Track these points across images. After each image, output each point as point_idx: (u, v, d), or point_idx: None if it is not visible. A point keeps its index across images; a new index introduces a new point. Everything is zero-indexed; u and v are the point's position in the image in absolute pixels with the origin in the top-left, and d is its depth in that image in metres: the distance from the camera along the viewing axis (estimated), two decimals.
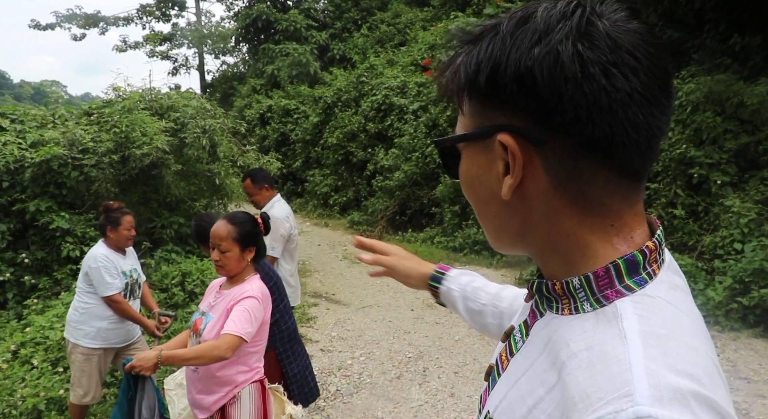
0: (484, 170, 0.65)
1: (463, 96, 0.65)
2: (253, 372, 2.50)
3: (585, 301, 0.61)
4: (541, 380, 0.61)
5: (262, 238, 2.62)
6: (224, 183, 7.98)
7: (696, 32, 7.91)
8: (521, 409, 0.63)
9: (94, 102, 8.52)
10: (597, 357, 0.54)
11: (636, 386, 0.49)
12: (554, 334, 0.62)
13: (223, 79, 27.39)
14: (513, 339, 0.74)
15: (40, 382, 4.29)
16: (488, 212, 0.68)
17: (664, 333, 0.54)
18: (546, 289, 0.66)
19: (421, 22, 18.32)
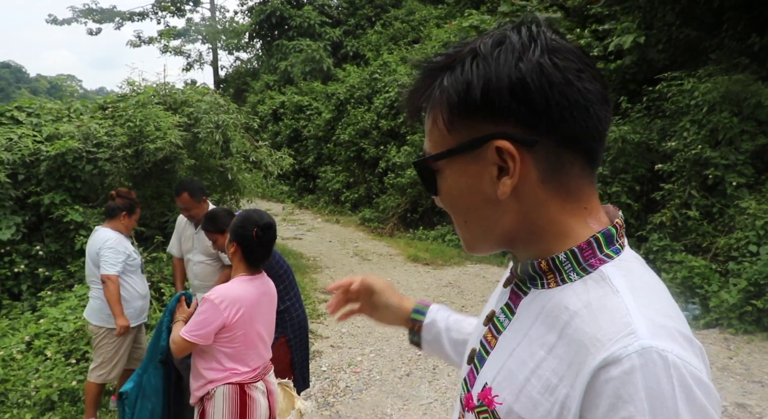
0: (475, 178, 0.73)
1: (447, 114, 0.72)
2: (228, 373, 2.45)
3: (571, 271, 0.72)
4: (539, 344, 0.70)
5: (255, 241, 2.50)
6: (237, 178, 8.00)
7: (714, 31, 7.81)
8: (523, 372, 0.71)
9: (109, 96, 8.58)
10: (597, 309, 0.66)
11: (636, 326, 0.61)
12: (547, 303, 0.72)
13: (237, 75, 27.48)
14: (497, 320, 0.82)
15: (53, 373, 4.33)
16: (479, 217, 0.76)
17: (644, 287, 0.68)
18: (532, 268, 0.75)
19: (435, 19, 18.26)
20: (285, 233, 10.73)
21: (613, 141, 7.18)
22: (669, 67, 7.78)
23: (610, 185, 7.22)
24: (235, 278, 2.52)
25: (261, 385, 2.56)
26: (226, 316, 2.37)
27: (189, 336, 2.36)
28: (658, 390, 0.57)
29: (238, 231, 2.49)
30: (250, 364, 2.52)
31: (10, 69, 78.74)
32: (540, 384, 0.68)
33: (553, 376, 0.67)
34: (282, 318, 3.33)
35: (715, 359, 4.74)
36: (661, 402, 0.57)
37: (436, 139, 0.76)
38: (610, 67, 8.36)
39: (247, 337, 2.47)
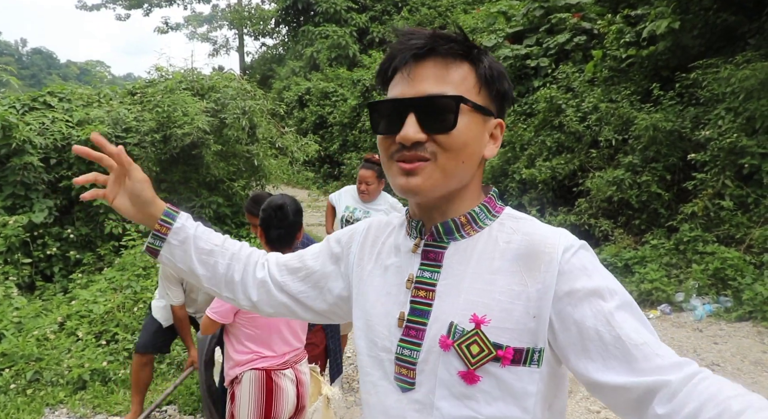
0: (481, 134, 0.95)
1: (482, 80, 0.94)
2: (252, 355, 2.47)
3: (486, 219, 0.97)
4: (488, 272, 0.92)
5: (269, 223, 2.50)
6: (263, 164, 8.05)
7: (754, 16, 7.53)
8: (485, 296, 0.90)
9: (138, 82, 8.68)
10: (533, 230, 0.94)
11: (562, 231, 0.94)
12: (477, 245, 0.95)
13: (263, 60, 27.54)
14: (422, 278, 0.97)
15: (85, 354, 4.44)
16: (471, 163, 0.94)
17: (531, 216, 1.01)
18: (453, 224, 0.97)
19: (462, 5, 18.02)
20: (310, 220, 10.77)
21: (644, 129, 7.01)
22: (704, 53, 7.54)
23: (641, 174, 7.06)
24: None
25: (290, 373, 2.56)
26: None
27: (211, 313, 2.43)
28: (592, 255, 0.91)
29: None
30: (275, 349, 2.52)
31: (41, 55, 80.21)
32: (506, 296, 0.89)
33: (516, 286, 0.89)
34: None
35: (748, 352, 4.63)
36: (596, 261, 0.91)
37: (467, 90, 0.92)
38: (642, 54, 8.14)
39: (269, 321, 2.48)
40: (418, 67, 0.92)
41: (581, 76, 8.93)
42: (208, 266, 1.15)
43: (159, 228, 1.12)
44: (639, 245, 6.83)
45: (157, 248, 1.13)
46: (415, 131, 0.89)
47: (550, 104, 8.71)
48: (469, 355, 0.88)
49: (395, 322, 0.98)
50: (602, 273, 0.89)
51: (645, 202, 7.01)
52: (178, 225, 1.13)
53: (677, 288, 5.88)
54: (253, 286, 1.19)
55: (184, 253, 1.14)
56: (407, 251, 1.02)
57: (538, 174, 8.31)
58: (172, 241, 1.13)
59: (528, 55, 10.55)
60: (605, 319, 0.84)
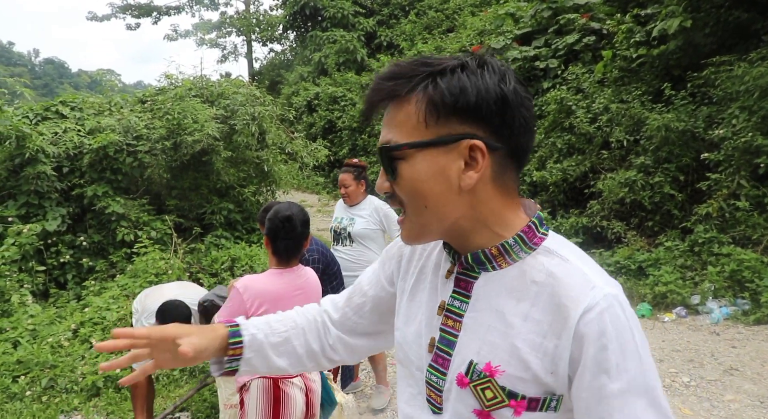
0: (443, 169, 0.85)
1: (431, 109, 0.85)
2: None
3: (520, 252, 0.89)
4: (514, 314, 0.86)
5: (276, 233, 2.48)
6: (273, 170, 8.06)
7: (767, 12, 7.45)
8: (507, 341, 0.86)
9: (148, 90, 8.73)
10: (561, 275, 0.85)
11: (595, 282, 0.83)
12: (508, 280, 0.88)
13: (271, 66, 27.67)
14: (452, 307, 0.94)
15: (99, 360, 4.45)
16: (438, 203, 0.87)
17: (580, 254, 0.90)
18: (483, 255, 0.90)
19: (469, 7, 17.99)
20: (320, 225, 10.77)
21: (656, 130, 6.94)
22: (716, 51, 7.46)
23: (653, 174, 6.99)
24: (266, 271, 2.54)
25: (299, 381, 2.55)
26: (248, 307, 2.39)
27: (218, 321, 2.43)
28: (619, 322, 0.80)
29: (262, 217, 2.59)
30: None
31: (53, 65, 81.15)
32: (526, 346, 0.84)
33: (537, 336, 0.84)
34: None
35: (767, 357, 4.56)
36: (622, 330, 0.80)
37: (409, 129, 0.87)
38: (653, 53, 8.07)
39: None
40: (385, 113, 0.91)
41: (591, 77, 8.87)
42: (289, 355, 1.15)
43: (233, 353, 1.08)
44: (652, 247, 6.75)
45: (235, 369, 1.10)
46: (381, 182, 0.93)
47: (560, 106, 8.66)
48: (484, 398, 0.88)
49: (426, 345, 0.98)
50: (622, 345, 0.79)
51: (658, 203, 6.94)
52: (248, 339, 1.10)
53: (693, 291, 5.80)
54: (332, 348, 1.20)
55: (262, 358, 1.12)
56: (443, 275, 0.99)
57: (549, 176, 8.25)
58: (248, 355, 1.10)
59: (537, 56, 10.51)
60: (599, 399, 0.80)
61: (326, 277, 3.32)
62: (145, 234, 6.51)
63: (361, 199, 3.95)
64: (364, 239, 3.86)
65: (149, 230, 6.64)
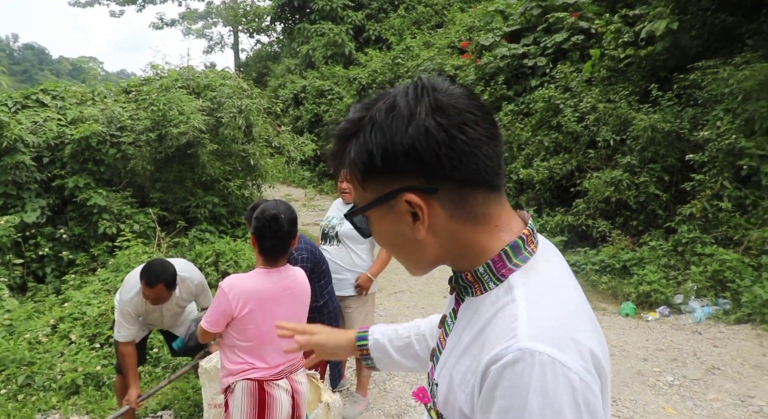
0: (395, 224, 0.85)
1: (359, 175, 0.84)
2: (244, 365, 2.43)
3: (489, 281, 0.85)
4: (464, 344, 0.85)
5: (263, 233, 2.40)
6: (259, 164, 7.98)
7: (752, 16, 7.51)
8: (453, 369, 0.86)
9: (132, 80, 8.59)
10: (498, 318, 0.79)
11: (519, 331, 0.74)
12: (475, 309, 0.86)
13: (258, 58, 27.43)
14: (447, 324, 0.96)
15: (78, 357, 4.37)
16: (406, 251, 0.89)
17: (543, 292, 0.80)
18: (461, 280, 0.89)
19: (458, 3, 17.97)
20: (306, 219, 10.71)
21: (642, 130, 6.97)
22: (702, 54, 7.52)
23: (638, 174, 7.03)
24: (253, 270, 2.49)
25: (285, 383, 2.51)
26: (234, 306, 2.35)
27: (204, 324, 2.41)
28: (519, 380, 0.70)
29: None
30: (268, 361, 2.47)
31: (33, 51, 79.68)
32: (459, 378, 0.83)
33: (467, 371, 0.82)
34: (320, 312, 3.36)
35: (748, 356, 4.60)
36: (518, 389, 0.71)
37: (358, 194, 0.88)
38: (640, 54, 8.11)
39: (261, 332, 2.42)
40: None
41: (579, 76, 8.90)
42: (414, 357, 1.27)
43: (361, 352, 1.31)
44: (637, 247, 6.80)
45: (372, 365, 1.32)
46: (366, 235, 0.96)
47: (548, 104, 8.68)
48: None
49: (429, 354, 1.03)
50: (508, 407, 0.71)
51: (643, 203, 6.98)
52: (372, 343, 1.30)
53: (676, 290, 5.85)
54: None
55: (389, 358, 1.29)
56: (450, 290, 1.01)
57: (536, 174, 8.28)
58: (376, 355, 1.30)
59: (525, 54, 10.51)
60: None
61: (314, 276, 3.28)
62: (128, 227, 6.41)
63: None
64: (351, 240, 3.74)
65: (132, 224, 6.55)
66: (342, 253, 3.77)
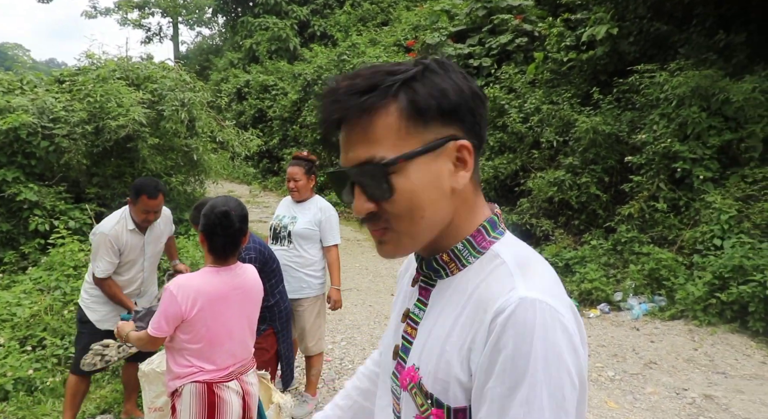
0: (436, 174, 0.83)
1: (411, 117, 0.81)
2: (193, 368, 2.34)
3: (469, 256, 0.88)
4: (450, 318, 0.85)
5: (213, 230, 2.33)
6: (202, 159, 7.75)
7: (684, 26, 7.91)
8: (438, 344, 0.85)
9: (66, 69, 8.14)
10: (491, 279, 0.83)
11: (516, 284, 0.79)
12: (455, 287, 0.87)
13: (199, 51, 26.70)
14: (413, 315, 0.95)
15: (7, 361, 4.09)
16: (436, 209, 0.85)
17: (525, 258, 0.86)
18: (436, 263, 0.90)
19: (404, 1, 18.07)
20: (251, 216, 10.47)
21: (584, 132, 7.21)
22: (639, 59, 7.85)
23: (580, 175, 7.27)
24: (202, 269, 2.39)
25: (234, 385, 2.42)
26: (184, 309, 2.24)
27: (152, 331, 2.28)
28: (523, 327, 0.73)
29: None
30: (218, 363, 2.37)
31: None
32: (453, 348, 0.82)
33: (460, 339, 0.81)
34: (271, 311, 3.29)
35: (681, 350, 4.84)
36: (522, 336, 0.73)
37: (394, 142, 0.82)
38: (582, 58, 8.39)
39: (212, 333, 2.33)
40: (345, 132, 0.86)
41: (523, 78, 9.11)
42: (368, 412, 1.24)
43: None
44: (579, 245, 7.03)
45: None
46: (362, 204, 0.85)
47: (493, 104, 8.84)
48: (417, 404, 0.88)
49: (392, 353, 1.00)
50: (516, 352, 0.73)
51: (584, 203, 7.22)
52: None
53: (615, 288, 6.08)
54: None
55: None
56: (410, 283, 1.02)
57: (481, 173, 8.42)
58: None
59: (471, 54, 10.67)
60: (482, 403, 0.76)
61: (264, 275, 3.19)
62: (63, 224, 6.06)
63: (308, 196, 3.76)
64: (304, 239, 3.68)
65: (67, 220, 6.20)
66: (292, 253, 3.71)
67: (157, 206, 3.33)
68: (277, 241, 3.76)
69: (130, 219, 3.38)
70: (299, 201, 3.77)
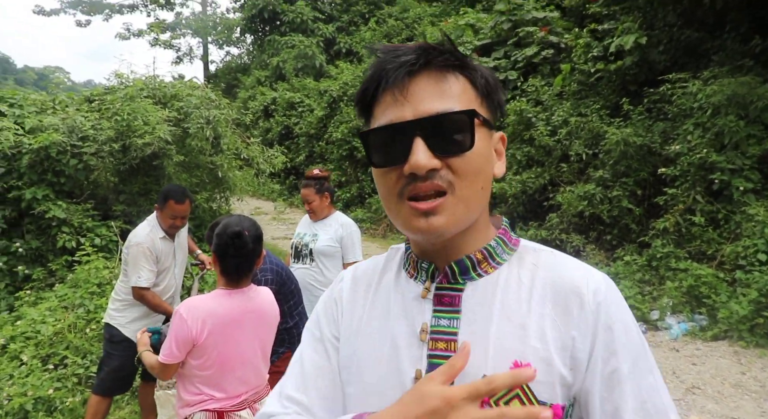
0: (490, 151, 0.84)
1: (483, 89, 0.82)
2: (203, 396, 2.23)
3: (503, 253, 0.86)
4: (518, 316, 0.80)
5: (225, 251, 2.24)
6: (227, 176, 7.76)
7: (716, 33, 7.67)
8: (524, 343, 0.78)
9: (96, 89, 8.29)
10: (557, 267, 0.83)
11: (585, 267, 0.83)
12: (497, 286, 0.83)
13: (227, 70, 27.13)
14: (439, 328, 0.82)
15: (29, 380, 4.07)
16: (486, 187, 0.82)
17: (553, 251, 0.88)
18: (470, 261, 0.84)
19: (429, 17, 18.05)
20: (275, 233, 10.47)
21: (615, 144, 7.00)
22: (670, 68, 7.63)
23: (611, 188, 7.05)
24: (213, 291, 2.30)
25: (247, 414, 2.29)
26: (195, 333, 2.14)
27: (162, 357, 2.18)
28: (618, 303, 0.80)
29: (210, 235, 2.33)
30: (229, 390, 2.26)
31: None
32: (542, 343, 0.77)
33: (551, 331, 0.78)
34: (290, 334, 3.17)
35: (728, 374, 4.55)
36: (622, 312, 0.80)
37: (470, 102, 0.80)
38: (610, 69, 8.19)
39: (223, 359, 2.22)
40: (413, 85, 0.78)
41: (550, 90, 8.94)
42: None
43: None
44: (611, 261, 6.78)
45: None
46: (428, 157, 0.76)
47: (520, 117, 8.68)
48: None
49: (410, 382, 0.82)
50: (624, 323, 0.79)
51: (616, 217, 6.99)
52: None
53: (651, 306, 5.82)
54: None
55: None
56: (415, 297, 0.87)
57: (509, 188, 8.24)
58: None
59: (496, 67, 10.54)
60: (612, 385, 0.76)
61: (281, 296, 3.09)
62: (89, 241, 6.11)
63: (327, 213, 3.70)
64: (326, 257, 3.60)
65: (93, 237, 6.24)
66: (315, 271, 3.62)
67: (184, 211, 3.40)
68: (299, 259, 3.68)
69: (159, 227, 3.43)
70: (318, 220, 3.71)
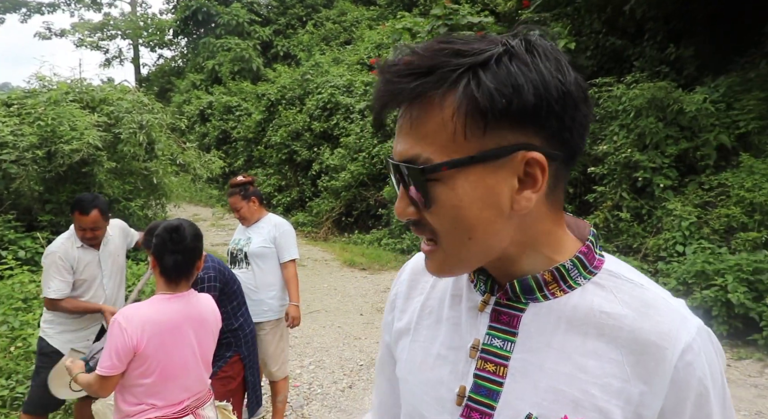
0: (492, 190, 0.66)
1: (475, 116, 0.64)
2: (143, 406, 2.15)
3: (578, 277, 0.72)
4: (583, 354, 0.69)
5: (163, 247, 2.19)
6: (162, 182, 7.55)
7: (636, 40, 8.13)
8: (576, 386, 0.68)
9: (14, 92, 7.87)
10: (641, 305, 0.69)
11: (684, 312, 0.69)
12: (567, 312, 0.71)
13: (160, 73, 26.35)
14: (491, 347, 0.75)
15: None
16: (487, 232, 0.68)
17: (646, 278, 0.74)
18: (535, 282, 0.73)
19: (367, 20, 18.19)
20: (215, 239, 10.26)
21: None
22: (597, 73, 8.01)
23: None
24: (152, 297, 2.23)
25: None
26: (136, 341, 2.06)
27: (101, 369, 2.06)
28: (715, 360, 0.69)
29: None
30: (170, 398, 2.19)
31: None
32: (604, 393, 0.68)
33: (616, 380, 0.67)
34: (236, 336, 3.13)
35: None
36: (718, 370, 0.69)
37: (444, 142, 0.66)
38: None
39: (163, 366, 2.16)
40: (399, 118, 0.70)
41: None
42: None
43: None
44: None
45: None
46: (403, 207, 0.71)
47: None
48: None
49: (452, 397, 0.77)
50: (720, 388, 0.69)
51: None
52: None
53: None
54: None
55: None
56: (472, 307, 0.79)
57: None
58: None
59: None
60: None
61: (224, 297, 3.06)
62: (11, 254, 5.80)
63: (258, 217, 3.69)
64: (262, 259, 3.60)
65: (16, 250, 5.93)
66: (250, 275, 3.61)
67: (91, 223, 3.11)
68: (235, 264, 3.65)
69: (77, 236, 3.24)
70: (250, 225, 3.70)
